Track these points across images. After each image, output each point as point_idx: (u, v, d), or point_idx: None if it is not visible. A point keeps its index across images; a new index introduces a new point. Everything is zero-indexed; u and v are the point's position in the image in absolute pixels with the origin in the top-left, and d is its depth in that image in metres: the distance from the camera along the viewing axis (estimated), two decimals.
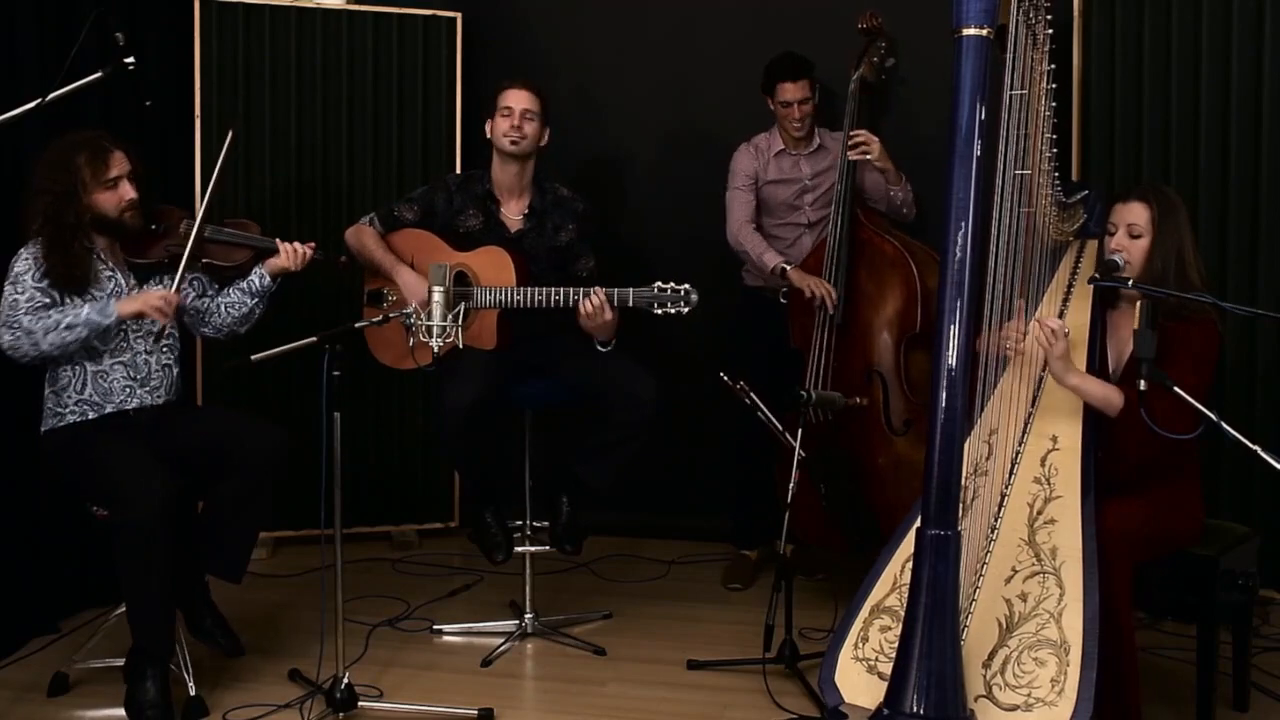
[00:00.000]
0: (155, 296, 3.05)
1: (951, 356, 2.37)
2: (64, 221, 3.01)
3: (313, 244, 3.33)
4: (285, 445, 3.10)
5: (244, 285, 3.29)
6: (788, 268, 3.82)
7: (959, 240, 2.37)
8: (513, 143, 3.54)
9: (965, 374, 2.38)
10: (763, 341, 4.04)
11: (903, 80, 4.19)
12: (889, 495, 3.56)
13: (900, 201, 3.93)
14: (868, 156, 3.80)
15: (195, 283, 3.29)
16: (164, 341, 3.18)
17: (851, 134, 3.81)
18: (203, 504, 3.10)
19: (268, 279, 3.30)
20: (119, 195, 3.07)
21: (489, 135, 3.61)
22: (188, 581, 3.13)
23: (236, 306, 3.29)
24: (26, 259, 3.01)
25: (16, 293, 2.98)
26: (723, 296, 4.04)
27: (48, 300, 2.99)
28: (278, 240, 3.29)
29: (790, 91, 3.92)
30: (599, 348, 3.42)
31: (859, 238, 3.81)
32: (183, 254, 3.11)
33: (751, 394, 3.23)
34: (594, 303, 3.30)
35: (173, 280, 3.12)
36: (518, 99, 3.55)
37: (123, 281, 3.15)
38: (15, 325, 2.95)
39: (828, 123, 4.12)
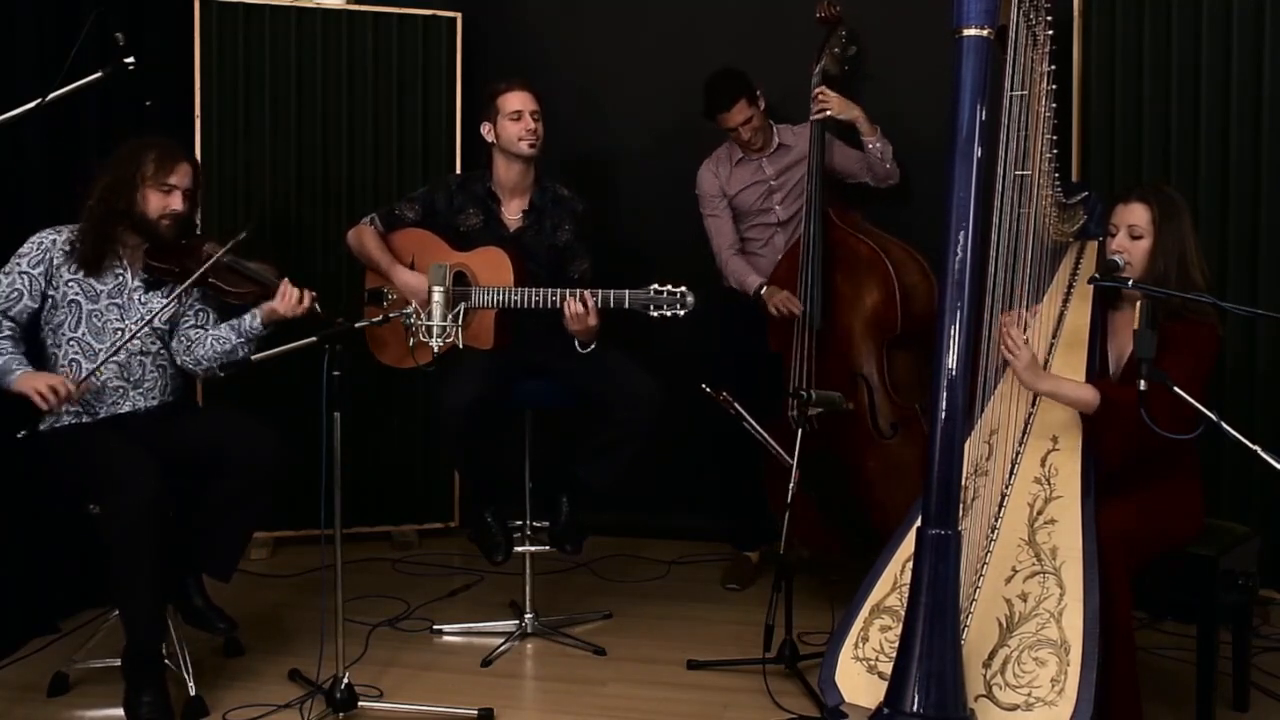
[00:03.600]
0: (44, 384, 2.93)
1: (952, 357, 2.37)
2: (115, 206, 3.11)
3: (314, 294, 3.24)
4: (283, 449, 3.09)
5: (234, 322, 3.24)
6: (763, 290, 3.86)
7: (959, 241, 2.37)
8: (530, 145, 3.54)
9: (966, 374, 2.39)
10: (743, 345, 4.02)
11: (869, 76, 4.17)
12: (882, 498, 3.56)
13: (881, 155, 3.88)
14: (828, 112, 3.80)
15: (200, 314, 3.29)
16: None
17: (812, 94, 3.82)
18: (195, 503, 3.10)
19: (258, 322, 3.21)
20: (166, 202, 3.14)
21: (490, 139, 3.61)
22: (177, 576, 3.12)
23: (221, 342, 3.22)
24: (35, 240, 3.10)
25: (2, 273, 3.09)
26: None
27: (16, 295, 3.06)
28: (284, 280, 3.21)
29: (730, 120, 3.89)
30: (579, 349, 3.41)
31: (832, 239, 3.79)
32: (195, 272, 3.12)
33: (736, 404, 3.22)
34: (579, 307, 3.28)
35: (176, 294, 3.16)
36: (526, 101, 3.55)
37: (128, 281, 3.17)
38: None
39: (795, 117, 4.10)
